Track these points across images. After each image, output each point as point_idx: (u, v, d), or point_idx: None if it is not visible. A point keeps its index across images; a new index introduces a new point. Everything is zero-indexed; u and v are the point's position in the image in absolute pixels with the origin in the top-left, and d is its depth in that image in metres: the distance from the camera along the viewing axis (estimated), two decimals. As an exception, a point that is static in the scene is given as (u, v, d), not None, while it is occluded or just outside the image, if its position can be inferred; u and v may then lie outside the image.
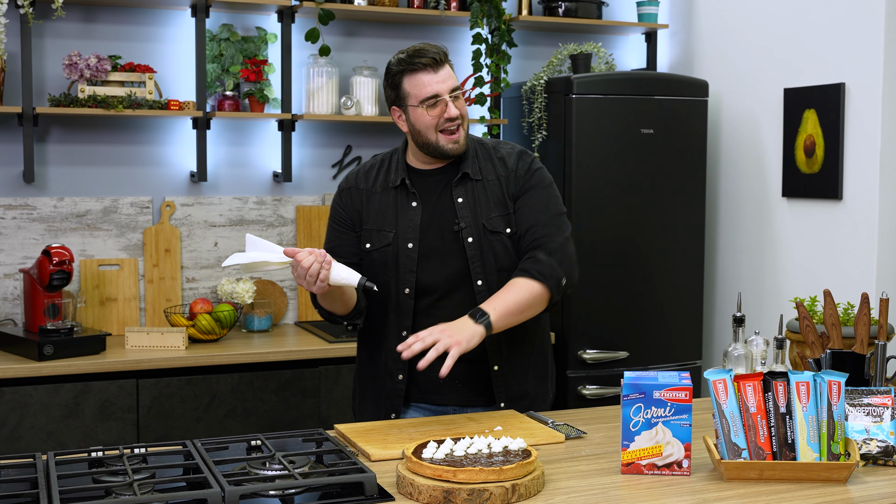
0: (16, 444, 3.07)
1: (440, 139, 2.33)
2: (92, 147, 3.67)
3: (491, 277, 2.34)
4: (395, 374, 2.38)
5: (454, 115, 2.31)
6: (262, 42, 3.81)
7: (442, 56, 2.34)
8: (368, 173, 2.46)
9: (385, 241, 2.37)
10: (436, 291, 2.36)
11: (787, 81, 3.70)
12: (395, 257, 2.36)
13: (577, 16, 4.11)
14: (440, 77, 2.32)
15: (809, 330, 2.26)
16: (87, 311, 3.59)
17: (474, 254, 2.34)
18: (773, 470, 1.82)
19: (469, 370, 2.36)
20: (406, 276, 2.35)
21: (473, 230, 2.34)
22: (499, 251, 2.35)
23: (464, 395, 2.39)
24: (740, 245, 3.99)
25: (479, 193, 2.37)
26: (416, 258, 2.34)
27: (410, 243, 2.35)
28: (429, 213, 2.37)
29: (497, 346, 2.36)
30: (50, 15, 3.49)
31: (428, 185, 2.40)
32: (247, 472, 1.77)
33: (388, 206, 2.39)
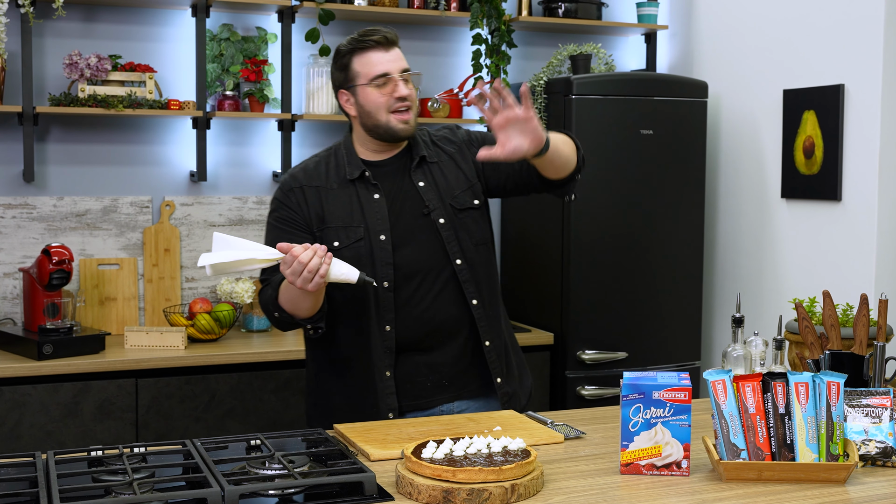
0: (15, 443, 3.07)
1: (391, 120, 2.29)
2: (92, 146, 3.67)
3: (469, 254, 2.34)
4: (382, 372, 2.32)
5: (404, 94, 2.28)
6: (262, 42, 3.81)
7: (393, 37, 2.32)
8: (318, 170, 2.37)
9: (356, 236, 2.30)
10: (415, 279, 2.32)
11: (786, 83, 3.71)
12: (369, 251, 2.30)
13: (577, 17, 4.11)
14: (391, 56, 2.29)
15: (808, 331, 2.26)
16: (86, 311, 3.59)
17: (449, 234, 2.32)
18: (772, 471, 1.83)
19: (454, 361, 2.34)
20: (383, 269, 2.29)
21: (442, 211, 2.33)
22: (471, 226, 2.36)
23: (449, 391, 2.36)
24: (739, 246, 4.00)
25: (437, 175, 2.37)
26: (390, 249, 2.30)
27: (383, 235, 2.30)
28: (393, 202, 2.34)
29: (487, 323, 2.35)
30: (50, 14, 3.50)
31: (385, 174, 2.36)
32: (246, 471, 1.77)
33: (349, 201, 2.33)
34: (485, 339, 2.36)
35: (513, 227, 4.15)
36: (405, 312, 2.31)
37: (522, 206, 4.05)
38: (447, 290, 2.32)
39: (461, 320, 2.35)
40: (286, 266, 2.05)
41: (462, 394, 2.39)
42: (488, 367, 2.38)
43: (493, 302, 2.40)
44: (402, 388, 2.34)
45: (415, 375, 2.35)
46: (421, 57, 4.08)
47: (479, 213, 2.39)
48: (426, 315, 2.33)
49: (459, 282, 2.33)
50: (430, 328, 2.33)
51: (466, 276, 2.34)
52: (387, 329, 2.31)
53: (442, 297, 2.32)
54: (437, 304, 2.33)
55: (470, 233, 2.35)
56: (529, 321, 3.95)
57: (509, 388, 2.41)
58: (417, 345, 2.34)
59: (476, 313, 2.35)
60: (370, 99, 2.29)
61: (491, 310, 2.39)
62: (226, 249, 2.03)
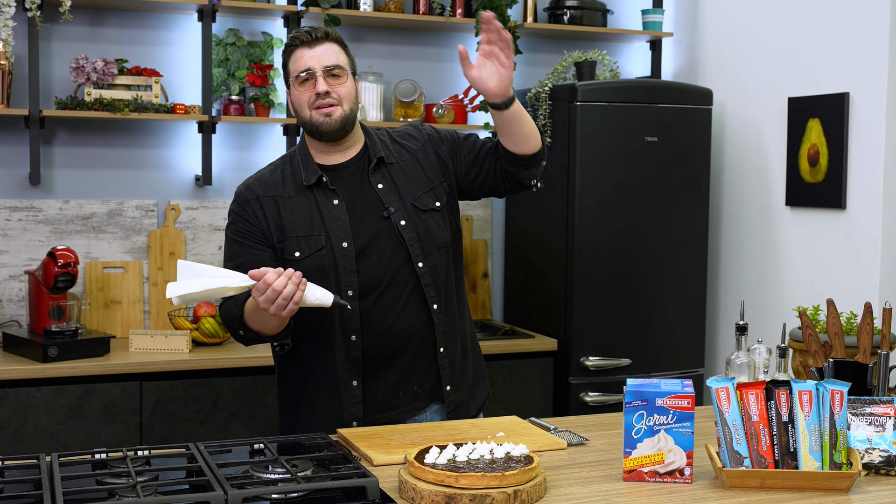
0: (20, 444, 3.07)
1: (313, 115, 2.24)
2: (98, 150, 3.68)
3: (431, 257, 2.29)
4: (348, 382, 2.27)
5: (321, 90, 2.22)
6: (267, 47, 3.82)
7: (322, 34, 2.26)
8: (273, 178, 2.31)
9: (317, 245, 2.24)
10: (379, 285, 2.25)
11: (791, 90, 3.71)
12: (332, 260, 2.23)
13: (582, 23, 4.12)
14: (315, 52, 2.25)
15: (812, 339, 2.26)
16: (91, 314, 3.60)
17: (411, 236, 2.27)
18: (775, 478, 1.83)
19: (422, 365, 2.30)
20: (347, 278, 2.23)
21: (403, 213, 2.28)
22: (433, 228, 2.30)
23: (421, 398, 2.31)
24: (743, 253, 4.00)
25: (397, 176, 2.31)
26: (353, 257, 2.24)
27: (345, 242, 2.24)
28: (353, 207, 2.28)
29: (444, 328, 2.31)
30: (57, 18, 3.51)
31: (342, 178, 2.30)
32: (249, 475, 1.77)
33: (308, 209, 2.26)
34: (440, 345, 2.31)
35: (516, 233, 4.16)
36: (371, 321, 2.25)
37: (526, 212, 4.06)
38: (412, 296, 2.27)
39: (425, 326, 2.29)
40: (259, 293, 1.99)
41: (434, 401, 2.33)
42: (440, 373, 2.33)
43: (451, 307, 2.35)
44: (372, 400, 2.29)
45: (385, 388, 2.29)
46: (426, 63, 4.09)
47: (441, 215, 2.33)
48: (393, 323, 2.27)
49: (422, 286, 2.27)
50: (397, 335, 2.27)
51: (428, 279, 2.28)
52: (352, 339, 2.25)
53: (408, 303, 2.26)
54: (402, 310, 2.27)
55: (432, 235, 2.30)
56: (533, 327, 3.96)
57: (458, 396, 2.35)
58: (386, 353, 2.28)
59: (435, 318, 2.29)
60: (295, 97, 2.27)
61: (449, 315, 2.33)
62: (193, 278, 1.96)
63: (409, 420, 2.32)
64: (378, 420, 2.29)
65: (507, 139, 2.27)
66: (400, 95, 3.91)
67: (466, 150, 2.38)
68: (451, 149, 2.38)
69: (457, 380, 2.36)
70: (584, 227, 3.73)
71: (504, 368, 3.67)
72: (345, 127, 2.27)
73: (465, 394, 2.39)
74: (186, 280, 1.97)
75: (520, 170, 2.32)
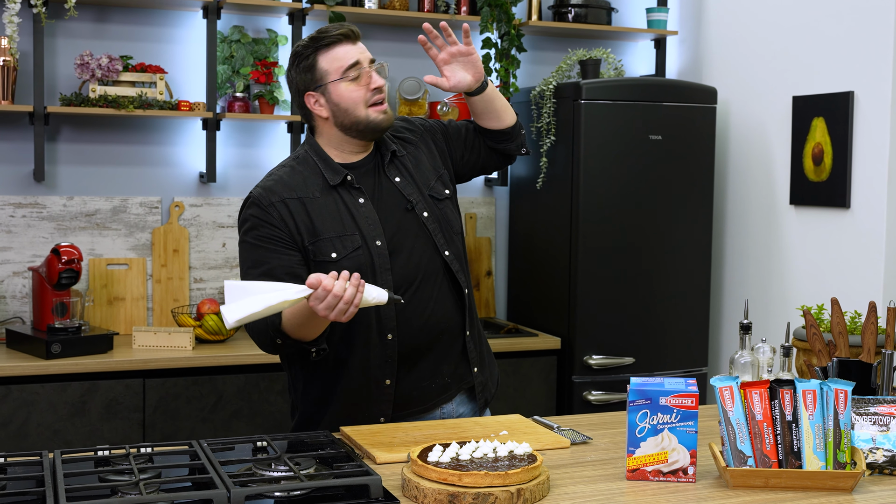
0: (22, 441, 3.08)
1: (370, 113, 2.20)
2: (102, 147, 3.68)
3: (453, 245, 2.31)
4: (381, 381, 2.23)
5: (379, 84, 2.20)
6: (272, 44, 3.82)
7: (356, 31, 2.24)
8: (293, 179, 2.22)
9: (353, 245, 2.18)
10: (415, 280, 2.23)
11: (795, 89, 3.70)
12: (369, 260, 2.18)
13: (587, 22, 4.11)
14: (358, 48, 2.22)
15: (816, 338, 2.26)
16: (94, 310, 3.61)
17: (434, 226, 2.28)
18: (779, 478, 1.82)
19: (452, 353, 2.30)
20: (383, 276, 2.19)
21: (424, 204, 2.29)
22: (450, 216, 2.33)
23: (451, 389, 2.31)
24: (747, 252, 3.99)
25: (409, 167, 2.32)
26: (387, 254, 2.20)
27: (378, 240, 2.20)
28: (377, 203, 2.25)
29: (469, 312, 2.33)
30: (62, 15, 3.51)
31: (363, 176, 2.27)
32: (252, 473, 1.77)
33: (337, 209, 2.20)
34: (467, 329, 2.33)
35: (520, 232, 4.15)
36: (407, 317, 2.23)
37: (530, 210, 4.05)
38: (444, 286, 2.28)
39: (456, 314, 2.30)
40: (318, 301, 1.91)
41: (462, 388, 2.34)
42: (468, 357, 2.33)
43: (472, 291, 2.40)
44: (406, 396, 2.27)
45: (418, 381, 2.28)
46: (430, 60, 4.08)
47: (452, 202, 2.37)
48: (429, 317, 2.26)
49: (452, 273, 2.28)
50: (432, 328, 2.26)
51: (456, 266, 2.29)
52: (388, 338, 2.21)
53: (440, 294, 2.27)
54: (438, 303, 2.27)
55: (451, 223, 2.32)
56: (536, 325, 3.95)
57: (483, 377, 2.39)
58: (421, 347, 2.26)
59: (468, 302, 2.32)
60: (345, 95, 2.19)
61: (472, 299, 2.38)
62: (244, 297, 1.85)
63: (437, 413, 2.32)
64: (407, 416, 2.28)
65: (486, 118, 2.38)
66: (404, 93, 3.91)
67: (455, 134, 2.44)
68: (444, 136, 2.43)
69: (480, 360, 2.39)
70: (587, 225, 3.72)
71: (507, 367, 3.67)
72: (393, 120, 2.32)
73: (488, 373, 2.42)
74: (238, 300, 1.86)
75: (506, 143, 2.42)
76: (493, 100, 2.35)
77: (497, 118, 2.38)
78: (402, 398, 2.27)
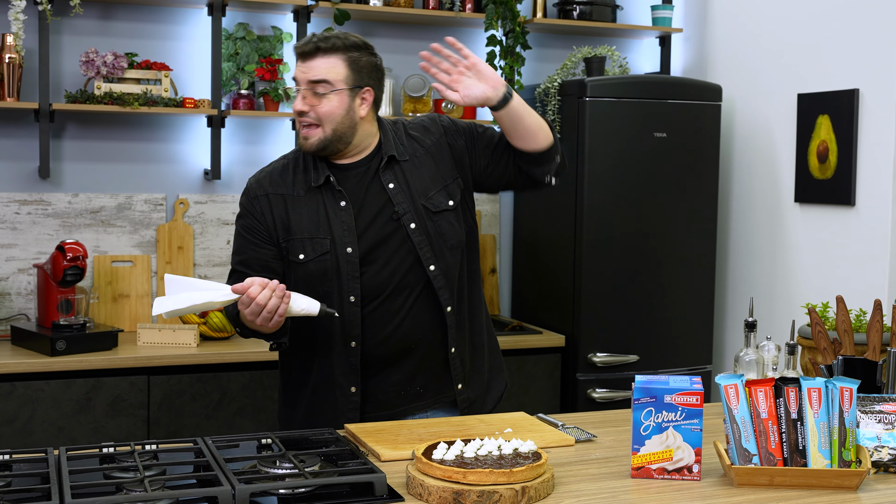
0: (27, 438, 3.08)
1: (300, 131, 2.22)
2: (107, 144, 3.68)
3: (443, 259, 2.24)
4: (346, 388, 2.25)
5: (297, 108, 2.20)
6: (277, 41, 3.82)
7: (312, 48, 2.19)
8: (283, 175, 2.27)
9: (322, 249, 2.20)
10: (383, 292, 2.22)
11: (800, 87, 3.69)
12: (335, 265, 2.20)
13: (592, 19, 4.11)
14: (305, 66, 2.20)
15: (821, 336, 2.26)
16: (99, 307, 3.61)
17: (421, 239, 2.22)
18: (784, 476, 1.82)
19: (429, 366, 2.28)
20: (350, 283, 2.20)
21: (413, 214, 2.22)
22: (445, 229, 2.25)
23: (425, 398, 2.29)
24: (752, 250, 3.98)
25: (409, 174, 2.26)
26: (357, 262, 2.20)
27: (349, 247, 2.20)
28: (361, 208, 2.23)
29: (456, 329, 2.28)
30: (68, 12, 3.51)
31: (353, 178, 2.25)
32: (257, 470, 1.77)
33: (316, 210, 2.22)
34: (451, 345, 2.28)
35: (525, 229, 4.15)
36: (373, 327, 2.23)
37: (534, 208, 4.05)
38: (420, 300, 2.23)
39: (434, 328, 2.27)
40: (244, 306, 2.01)
41: (439, 400, 2.31)
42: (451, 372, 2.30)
43: (464, 306, 2.31)
44: (372, 402, 2.28)
45: (386, 388, 2.27)
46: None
47: (455, 214, 2.28)
48: (396, 329, 2.24)
49: (434, 289, 2.23)
50: (400, 341, 2.25)
51: (441, 282, 2.24)
52: (352, 345, 2.22)
53: (415, 307, 2.23)
54: (408, 316, 2.24)
55: (444, 236, 2.25)
56: (541, 323, 3.95)
57: (471, 393, 2.33)
58: (387, 360, 2.26)
59: (449, 320, 2.26)
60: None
61: (461, 315, 2.30)
62: (181, 292, 1.97)
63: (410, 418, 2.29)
64: (377, 417, 2.27)
65: (515, 136, 2.24)
66: (409, 90, 3.91)
67: (484, 143, 2.33)
68: (468, 141, 2.33)
69: (468, 377, 2.33)
70: (592, 222, 3.72)
71: (512, 364, 3.67)
72: (326, 148, 2.22)
73: (480, 390, 2.37)
74: (174, 295, 1.97)
75: (531, 166, 2.28)
76: (522, 117, 2.20)
77: (527, 138, 2.23)
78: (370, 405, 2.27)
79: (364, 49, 2.25)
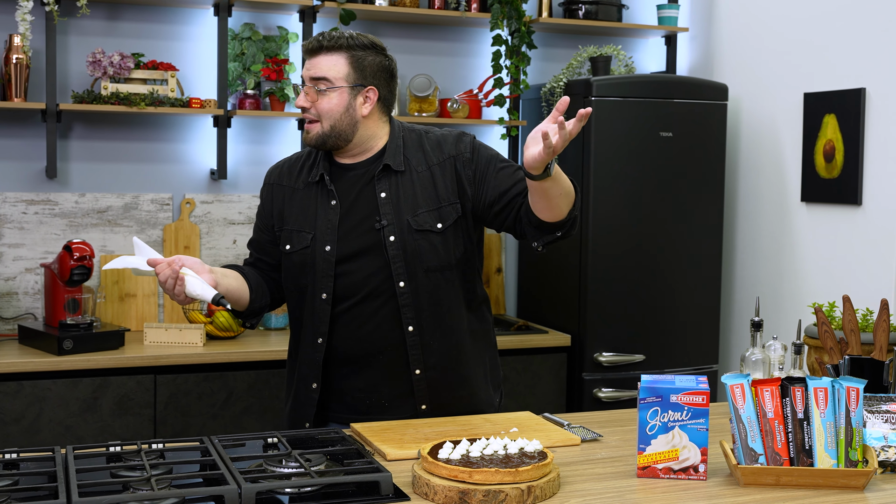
0: (34, 437, 3.09)
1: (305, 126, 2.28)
2: (114, 144, 3.69)
3: (416, 279, 2.21)
4: (309, 383, 2.27)
5: (299, 104, 2.23)
6: (283, 41, 3.83)
7: (315, 45, 2.21)
8: (293, 167, 2.35)
9: (303, 243, 2.25)
10: (355, 295, 2.23)
11: (807, 86, 3.69)
12: (312, 260, 2.24)
13: (598, 18, 4.10)
14: (309, 63, 2.23)
15: (828, 336, 2.25)
16: (106, 307, 3.62)
17: (396, 253, 2.20)
18: (790, 476, 1.82)
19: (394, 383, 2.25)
20: (323, 281, 2.22)
21: (395, 228, 2.20)
22: (425, 251, 2.21)
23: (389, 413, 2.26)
24: (758, 249, 3.98)
25: (404, 187, 2.23)
26: (333, 262, 2.22)
27: (328, 245, 2.23)
28: (349, 210, 2.24)
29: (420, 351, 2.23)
30: (74, 12, 3.52)
31: (350, 180, 2.26)
32: (263, 469, 1.78)
33: (308, 205, 2.28)
34: (414, 367, 2.24)
35: (531, 229, 4.15)
36: (341, 327, 2.24)
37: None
38: (385, 313, 2.22)
39: (397, 345, 2.24)
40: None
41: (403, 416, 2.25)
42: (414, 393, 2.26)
43: (435, 331, 2.25)
44: (336, 402, 2.29)
45: (349, 391, 2.27)
46: (441, 57, 4.09)
47: (441, 237, 2.22)
48: (363, 333, 2.24)
49: (399, 307, 2.21)
50: (367, 346, 2.24)
51: (407, 300, 2.21)
52: (318, 341, 2.25)
53: (381, 318, 2.22)
54: (375, 325, 2.23)
55: (422, 257, 2.21)
56: (546, 322, 3.95)
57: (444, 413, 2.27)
58: (352, 361, 2.26)
59: (409, 340, 2.22)
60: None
61: (427, 338, 2.24)
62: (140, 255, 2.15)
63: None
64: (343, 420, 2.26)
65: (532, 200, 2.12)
66: (415, 90, 3.91)
67: (499, 181, 2.22)
68: (476, 174, 2.25)
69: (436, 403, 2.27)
70: (598, 221, 3.72)
71: (517, 364, 3.67)
72: (324, 143, 2.23)
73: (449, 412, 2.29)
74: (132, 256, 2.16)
75: (530, 228, 2.18)
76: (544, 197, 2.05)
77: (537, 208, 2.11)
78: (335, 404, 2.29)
79: (371, 49, 2.24)
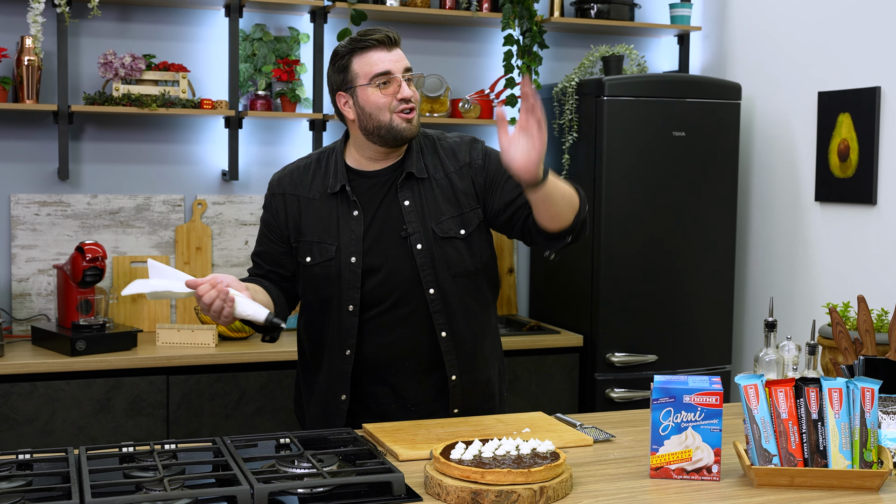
0: (48, 437, 3.10)
1: (394, 119, 2.16)
2: (125, 145, 3.70)
3: (445, 285, 2.21)
4: (338, 394, 2.26)
5: (407, 96, 2.17)
6: (294, 42, 3.83)
7: (395, 36, 2.20)
8: (303, 176, 2.28)
9: (327, 255, 2.22)
10: (382, 303, 2.22)
11: (821, 85, 3.67)
12: (337, 273, 2.21)
13: (610, 17, 4.09)
14: (393, 56, 2.18)
15: (842, 336, 2.24)
16: (118, 308, 3.63)
17: (424, 261, 2.19)
18: (805, 477, 1.81)
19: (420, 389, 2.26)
20: (349, 293, 2.20)
21: (422, 236, 2.20)
22: (452, 257, 2.22)
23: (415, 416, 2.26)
24: (772, 249, 3.96)
25: (426, 194, 2.22)
26: (359, 273, 2.20)
27: (353, 257, 2.20)
28: (373, 220, 2.22)
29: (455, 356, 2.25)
30: (86, 14, 3.53)
31: (371, 188, 2.24)
32: (275, 469, 1.78)
33: (328, 216, 2.23)
34: (451, 373, 2.25)
35: (543, 229, 4.14)
36: (369, 338, 2.23)
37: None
38: (417, 319, 2.22)
39: (428, 349, 2.24)
40: (199, 300, 2.03)
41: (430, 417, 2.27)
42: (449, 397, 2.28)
43: (466, 335, 2.26)
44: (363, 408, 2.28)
45: (377, 397, 2.27)
46: (452, 57, 4.08)
47: (466, 242, 2.23)
48: (391, 341, 2.23)
49: (430, 313, 2.21)
50: (395, 355, 2.24)
51: (438, 306, 2.21)
52: (346, 353, 2.23)
53: (410, 325, 2.21)
54: (404, 333, 2.23)
55: (449, 263, 2.22)
56: (559, 322, 3.94)
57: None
58: (380, 370, 2.25)
59: (444, 346, 2.23)
60: (371, 100, 2.18)
61: (462, 342, 2.26)
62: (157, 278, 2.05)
63: None
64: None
65: (534, 212, 2.14)
66: (426, 90, 3.91)
67: (506, 191, 2.23)
68: (486, 182, 2.26)
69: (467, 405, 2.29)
70: (610, 221, 3.71)
71: (529, 364, 3.67)
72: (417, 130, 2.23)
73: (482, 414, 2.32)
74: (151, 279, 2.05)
75: (539, 237, 2.20)
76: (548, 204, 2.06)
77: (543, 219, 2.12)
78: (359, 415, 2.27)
79: None
